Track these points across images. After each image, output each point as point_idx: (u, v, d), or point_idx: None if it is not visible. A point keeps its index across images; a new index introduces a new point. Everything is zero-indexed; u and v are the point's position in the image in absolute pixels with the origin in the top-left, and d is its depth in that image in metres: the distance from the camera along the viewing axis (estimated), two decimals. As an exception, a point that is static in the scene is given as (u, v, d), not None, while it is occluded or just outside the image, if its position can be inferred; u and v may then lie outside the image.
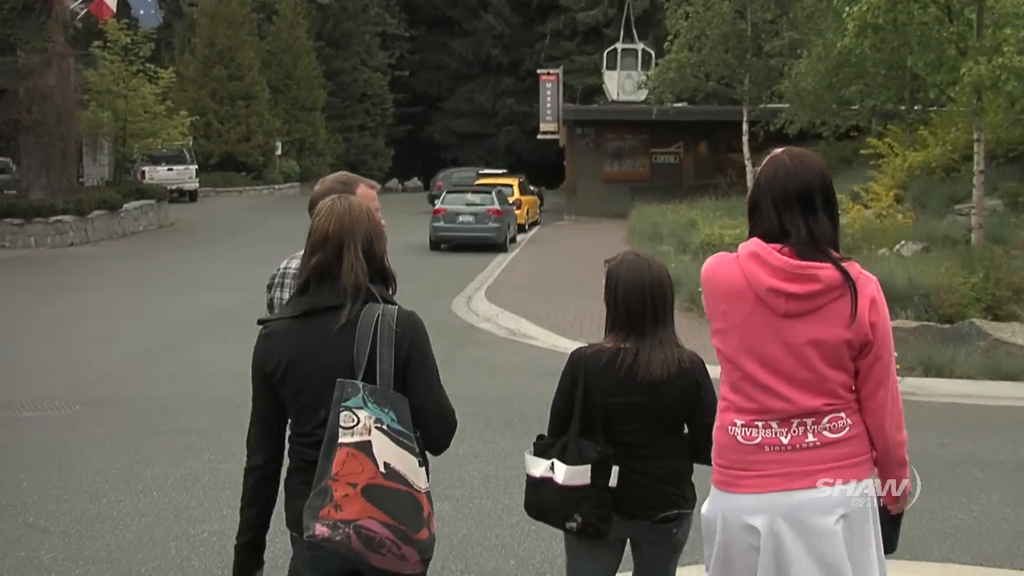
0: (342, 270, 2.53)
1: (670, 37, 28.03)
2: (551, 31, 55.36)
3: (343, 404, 2.44)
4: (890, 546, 2.61)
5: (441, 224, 25.25)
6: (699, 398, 3.07)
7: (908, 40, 15.53)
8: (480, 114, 59.61)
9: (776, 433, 2.46)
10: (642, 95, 34.52)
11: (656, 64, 31.61)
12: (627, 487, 3.05)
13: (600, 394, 3.02)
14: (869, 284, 2.48)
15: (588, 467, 2.98)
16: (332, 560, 2.50)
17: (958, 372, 10.60)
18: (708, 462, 2.71)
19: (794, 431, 2.45)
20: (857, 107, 23.96)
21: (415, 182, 59.73)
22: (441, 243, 25.37)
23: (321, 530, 2.40)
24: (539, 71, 41.11)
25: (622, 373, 3.03)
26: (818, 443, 2.44)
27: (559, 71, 40.60)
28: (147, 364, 11.51)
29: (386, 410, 2.45)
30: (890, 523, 2.61)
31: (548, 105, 39.03)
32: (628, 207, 31.62)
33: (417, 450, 2.50)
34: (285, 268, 3.66)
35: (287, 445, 2.66)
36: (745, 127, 28.14)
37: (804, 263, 2.43)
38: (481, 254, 23.96)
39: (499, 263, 22.24)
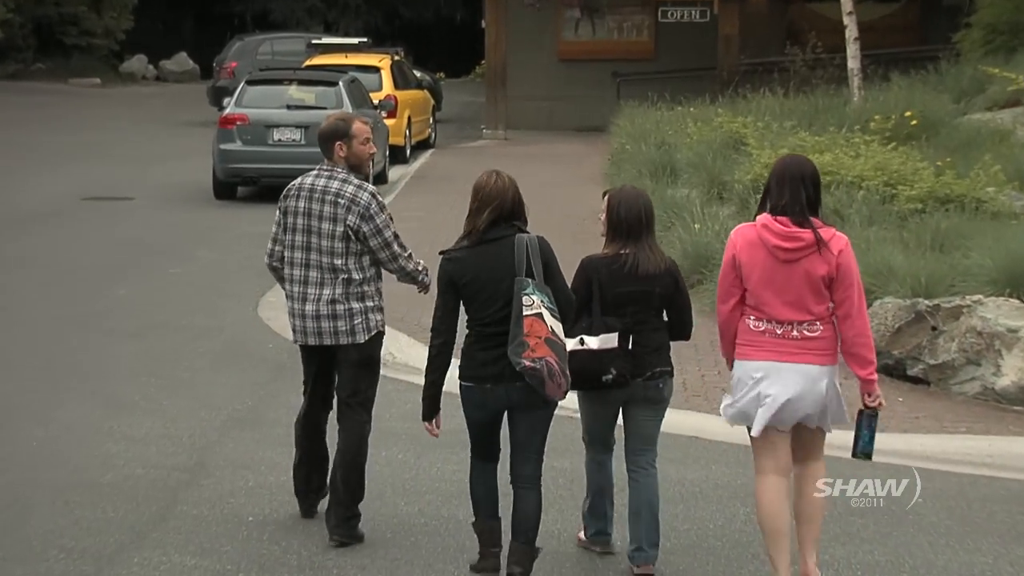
0: (501, 214, 9.27)
1: None
2: None
3: (523, 292, 9.04)
4: (863, 444, 8.90)
5: (237, 147, 26.21)
6: (677, 289, 9.21)
7: None
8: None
9: (774, 327, 8.86)
10: None
11: None
12: (632, 353, 9.11)
13: (611, 286, 9.07)
14: (840, 241, 8.80)
15: (616, 335, 8.98)
16: (490, 402, 9.24)
17: None
18: (684, 338, 9.64)
19: (784, 328, 8.84)
20: None
21: (183, 62, 60.61)
22: (236, 184, 26.51)
23: (528, 364, 8.88)
24: None
25: (626, 270, 9.09)
26: (799, 337, 8.84)
27: None
28: None
29: (544, 294, 9.10)
30: (868, 422, 8.86)
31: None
32: (609, 112, 31.65)
33: (560, 319, 9.23)
34: (300, 183, 9.83)
35: (467, 328, 9.32)
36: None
37: (795, 230, 8.71)
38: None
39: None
